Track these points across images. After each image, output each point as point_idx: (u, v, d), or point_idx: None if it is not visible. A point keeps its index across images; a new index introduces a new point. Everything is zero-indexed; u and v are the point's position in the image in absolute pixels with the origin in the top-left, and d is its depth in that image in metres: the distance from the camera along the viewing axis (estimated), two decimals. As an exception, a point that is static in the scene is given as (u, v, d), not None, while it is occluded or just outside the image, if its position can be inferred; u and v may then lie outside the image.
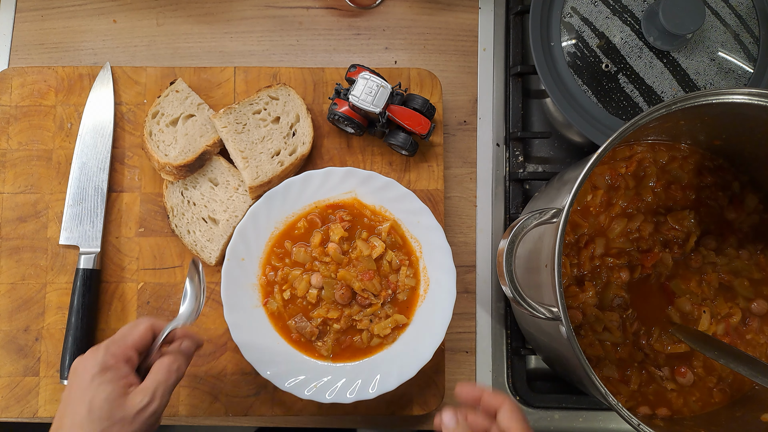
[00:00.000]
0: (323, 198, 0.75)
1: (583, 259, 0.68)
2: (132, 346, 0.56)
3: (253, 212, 0.73)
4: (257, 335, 0.72)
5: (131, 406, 0.52)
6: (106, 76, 0.80)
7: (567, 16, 0.75)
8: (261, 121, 0.75)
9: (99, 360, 0.54)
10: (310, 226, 0.75)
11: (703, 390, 0.66)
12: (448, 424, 0.53)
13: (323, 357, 0.73)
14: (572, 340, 0.52)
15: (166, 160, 0.74)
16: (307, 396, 0.70)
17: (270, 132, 0.75)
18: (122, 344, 0.56)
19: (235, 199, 0.76)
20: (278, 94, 0.76)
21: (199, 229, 0.76)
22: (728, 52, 0.73)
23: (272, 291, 0.74)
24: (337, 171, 0.74)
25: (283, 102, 0.76)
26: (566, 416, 0.77)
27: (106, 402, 0.52)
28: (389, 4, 0.86)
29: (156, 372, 0.55)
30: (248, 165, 0.73)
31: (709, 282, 0.68)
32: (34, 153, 0.79)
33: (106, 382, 0.53)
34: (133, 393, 0.53)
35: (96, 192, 0.77)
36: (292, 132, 0.76)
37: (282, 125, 0.76)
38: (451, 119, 0.83)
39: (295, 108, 0.76)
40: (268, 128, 0.75)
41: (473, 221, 0.81)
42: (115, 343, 0.56)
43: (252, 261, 0.74)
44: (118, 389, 0.52)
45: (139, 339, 0.57)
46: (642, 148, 0.70)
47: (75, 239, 0.76)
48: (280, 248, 0.75)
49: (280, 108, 0.76)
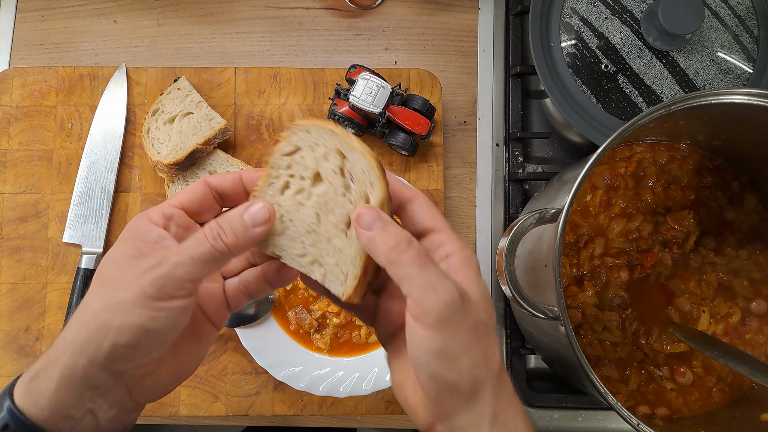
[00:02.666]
0: None
1: (583, 259, 0.68)
2: (176, 203, 0.42)
3: None
4: (257, 324, 0.73)
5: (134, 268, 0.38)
6: (121, 77, 0.80)
7: (566, 17, 0.75)
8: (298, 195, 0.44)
9: (132, 220, 0.42)
10: None
11: (703, 389, 0.67)
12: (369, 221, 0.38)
13: (320, 350, 0.74)
14: (572, 339, 0.52)
15: (158, 158, 0.74)
16: (301, 387, 0.70)
17: (321, 201, 0.43)
18: (166, 202, 0.43)
19: None
20: (296, 143, 0.43)
21: None
22: (728, 52, 0.73)
23: None
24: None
25: (309, 148, 0.43)
26: (566, 416, 0.77)
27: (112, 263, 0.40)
28: (389, 5, 0.86)
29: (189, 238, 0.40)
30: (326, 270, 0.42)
31: (708, 282, 0.69)
32: (35, 153, 0.79)
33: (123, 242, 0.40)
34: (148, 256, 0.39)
35: (102, 192, 0.77)
36: (348, 179, 0.42)
37: (330, 180, 0.42)
38: (450, 119, 0.83)
39: (329, 144, 0.42)
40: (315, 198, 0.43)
41: (473, 221, 0.81)
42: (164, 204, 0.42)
43: None
44: (131, 249, 0.39)
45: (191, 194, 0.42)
46: (641, 149, 0.71)
47: (78, 238, 0.76)
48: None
49: (311, 159, 0.43)
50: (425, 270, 0.36)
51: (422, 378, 0.37)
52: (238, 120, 0.80)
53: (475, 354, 0.37)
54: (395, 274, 0.37)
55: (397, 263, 0.37)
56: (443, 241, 0.40)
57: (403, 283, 0.37)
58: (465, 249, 0.40)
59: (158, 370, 0.41)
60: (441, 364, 0.36)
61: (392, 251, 0.37)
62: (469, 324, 0.37)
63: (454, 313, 0.36)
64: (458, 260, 0.39)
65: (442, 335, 0.36)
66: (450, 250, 0.40)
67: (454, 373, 0.36)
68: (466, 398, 0.37)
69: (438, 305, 0.35)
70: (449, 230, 0.41)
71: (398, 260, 0.37)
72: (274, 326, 0.74)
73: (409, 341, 0.37)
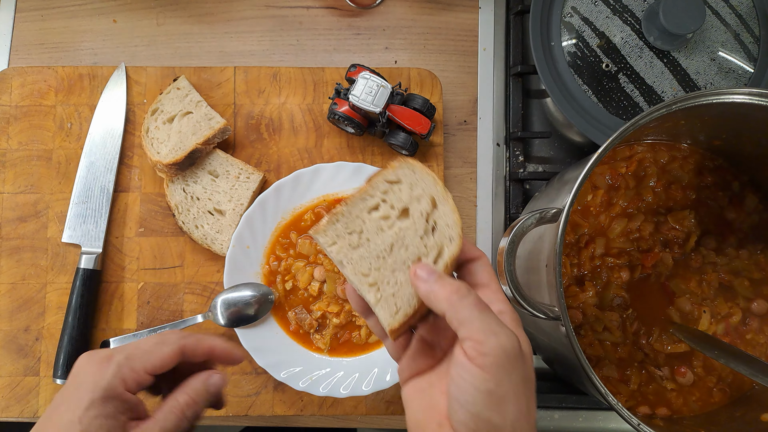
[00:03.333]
0: (332, 192, 0.76)
1: (584, 259, 0.68)
2: (150, 370, 0.46)
3: (261, 201, 0.74)
4: (256, 324, 0.73)
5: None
6: (121, 76, 0.80)
7: (567, 16, 0.75)
8: (382, 221, 0.46)
9: (105, 381, 0.44)
10: (316, 218, 0.75)
11: (703, 390, 0.66)
12: (425, 276, 0.41)
13: (320, 350, 0.74)
14: (572, 339, 0.52)
15: (158, 158, 0.74)
16: (302, 388, 0.70)
17: (400, 235, 0.46)
18: (140, 365, 0.45)
19: (238, 187, 0.76)
20: (399, 176, 0.47)
21: (207, 223, 0.76)
22: (728, 51, 0.73)
23: (274, 281, 0.74)
24: (348, 165, 0.75)
25: (408, 185, 0.47)
26: (566, 416, 0.77)
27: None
28: (389, 4, 0.86)
29: (166, 413, 0.45)
30: (381, 296, 0.44)
31: (709, 282, 0.68)
32: (34, 153, 0.79)
33: (103, 417, 0.43)
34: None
35: (102, 192, 0.77)
36: (431, 226, 0.46)
37: (414, 219, 0.46)
38: (451, 119, 0.83)
39: (427, 189, 0.46)
40: (395, 230, 0.46)
41: (473, 221, 0.81)
42: (131, 361, 0.45)
43: (257, 249, 0.74)
44: (115, 427, 0.43)
45: (161, 363, 0.46)
46: (642, 148, 0.70)
47: (77, 238, 0.76)
48: (285, 239, 0.75)
49: (407, 195, 0.47)
50: (486, 315, 0.39)
51: (462, 416, 0.39)
52: (238, 119, 0.80)
53: (520, 403, 0.38)
54: (455, 317, 0.39)
55: (459, 307, 0.39)
56: (496, 299, 0.44)
57: (462, 326, 0.39)
58: (515, 311, 0.44)
59: None
60: (489, 405, 0.38)
61: (453, 295, 0.39)
62: (521, 373, 0.39)
63: (510, 360, 0.38)
64: (510, 318, 0.43)
65: (495, 377, 0.38)
66: (502, 309, 0.43)
67: (500, 416, 0.38)
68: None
69: (497, 349, 0.38)
70: (502, 293, 0.45)
71: (460, 304, 0.39)
72: (274, 326, 0.74)
73: (459, 380, 0.39)
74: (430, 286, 0.41)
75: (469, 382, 0.38)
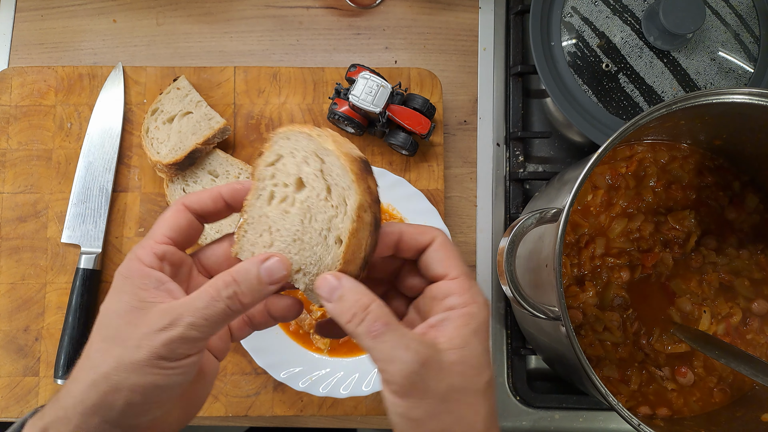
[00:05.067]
0: None
1: (584, 259, 0.67)
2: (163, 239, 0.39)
3: None
4: None
5: (144, 326, 0.36)
6: (118, 76, 0.80)
7: (567, 16, 0.75)
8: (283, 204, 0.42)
9: (123, 264, 0.39)
10: None
11: (704, 390, 0.66)
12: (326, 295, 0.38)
13: (320, 350, 0.73)
14: (572, 340, 0.52)
15: (157, 158, 0.74)
16: (302, 388, 0.70)
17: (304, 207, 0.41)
18: (152, 238, 0.39)
19: None
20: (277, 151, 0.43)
21: None
22: (728, 51, 0.73)
23: None
24: None
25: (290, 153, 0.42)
26: (567, 416, 0.77)
27: (116, 316, 0.37)
28: (389, 4, 0.86)
29: (199, 292, 0.37)
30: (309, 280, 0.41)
31: (709, 282, 0.68)
32: (34, 153, 0.79)
33: (121, 291, 0.38)
34: (156, 309, 0.37)
35: (101, 192, 0.77)
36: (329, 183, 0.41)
37: (312, 184, 0.41)
38: (451, 119, 0.83)
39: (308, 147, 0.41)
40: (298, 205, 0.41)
41: (473, 221, 0.81)
42: (147, 238, 0.40)
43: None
44: (134, 300, 0.37)
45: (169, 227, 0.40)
46: (642, 148, 0.70)
47: (77, 238, 0.76)
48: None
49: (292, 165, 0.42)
50: (380, 342, 0.36)
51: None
52: (238, 119, 0.80)
53: (442, 421, 0.36)
54: (360, 343, 0.37)
55: (356, 337, 0.37)
56: (452, 291, 0.39)
57: (368, 352, 0.37)
58: (473, 304, 0.38)
59: (168, 417, 0.41)
60: (409, 427, 0.37)
61: (349, 325, 0.37)
62: (434, 391, 0.36)
63: (415, 383, 0.36)
64: (457, 316, 0.38)
65: (405, 402, 0.36)
66: (455, 303, 0.38)
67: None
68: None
69: (395, 376, 0.36)
70: (464, 278, 0.39)
71: (356, 333, 0.37)
72: (274, 327, 0.74)
73: (384, 402, 0.38)
74: (332, 308, 0.37)
75: (387, 406, 0.37)
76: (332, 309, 0.38)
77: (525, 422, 0.77)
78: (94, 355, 0.38)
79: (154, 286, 0.38)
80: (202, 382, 0.43)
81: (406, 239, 0.41)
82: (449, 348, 0.37)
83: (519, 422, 0.76)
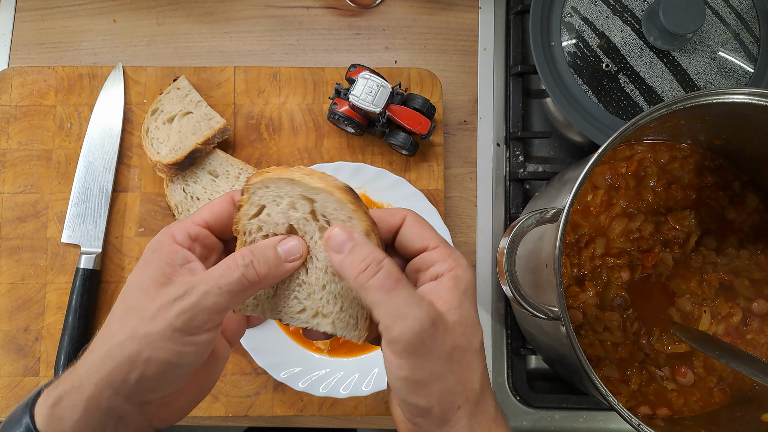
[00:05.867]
0: None
1: (584, 259, 0.67)
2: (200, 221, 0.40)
3: None
4: None
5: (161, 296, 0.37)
6: (118, 76, 0.80)
7: (567, 16, 0.75)
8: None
9: (155, 238, 0.40)
10: None
11: (704, 390, 0.66)
12: (339, 242, 0.37)
13: (320, 351, 0.73)
14: (572, 340, 0.52)
15: (157, 158, 0.74)
16: (302, 388, 0.70)
17: None
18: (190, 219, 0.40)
19: (238, 187, 0.76)
20: (258, 201, 0.43)
21: None
22: (729, 51, 0.73)
23: None
24: (348, 165, 0.75)
25: (274, 202, 0.43)
26: (567, 416, 0.77)
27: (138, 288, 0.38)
28: (389, 4, 0.86)
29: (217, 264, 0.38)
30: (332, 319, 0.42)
31: (709, 282, 0.68)
32: (34, 153, 0.79)
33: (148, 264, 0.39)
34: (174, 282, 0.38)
35: (101, 192, 0.77)
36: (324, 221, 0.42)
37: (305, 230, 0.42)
38: (451, 119, 0.83)
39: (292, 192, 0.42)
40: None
41: (473, 221, 0.81)
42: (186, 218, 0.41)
43: None
44: (157, 274, 0.38)
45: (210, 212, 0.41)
46: (642, 148, 0.70)
47: (77, 238, 0.76)
48: (285, 238, 0.75)
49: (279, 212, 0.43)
50: (393, 296, 0.35)
51: (396, 399, 0.38)
52: (238, 119, 0.80)
53: (446, 381, 0.36)
54: (365, 300, 0.36)
55: (366, 289, 0.36)
56: (435, 259, 0.39)
57: (373, 309, 0.36)
58: (458, 267, 0.39)
59: (179, 397, 0.41)
60: (411, 391, 0.36)
61: (360, 276, 0.36)
62: (440, 351, 0.36)
63: (423, 342, 0.35)
64: (447, 280, 0.38)
65: (410, 363, 0.35)
66: (441, 270, 0.39)
67: (424, 399, 0.36)
68: (438, 423, 0.37)
69: (405, 334, 0.35)
70: (443, 246, 0.40)
71: (366, 286, 0.36)
72: (274, 326, 0.74)
73: (385, 365, 0.37)
74: (342, 259, 0.37)
75: (389, 368, 0.36)
76: (342, 260, 0.37)
77: (525, 422, 0.77)
78: (112, 326, 0.38)
79: (180, 263, 0.38)
80: (214, 366, 0.43)
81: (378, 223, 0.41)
82: (447, 309, 0.37)
83: (519, 422, 0.77)
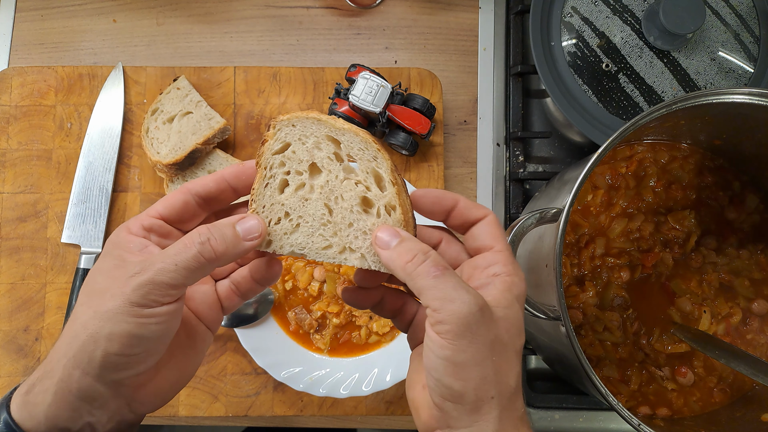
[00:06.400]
0: None
1: (584, 259, 0.67)
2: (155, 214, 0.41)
3: None
4: (256, 324, 0.73)
5: (119, 276, 0.38)
6: (118, 76, 0.80)
7: (567, 16, 0.75)
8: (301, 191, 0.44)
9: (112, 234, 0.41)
10: None
11: (704, 390, 0.66)
12: (387, 240, 0.39)
13: (320, 351, 0.73)
14: (573, 340, 0.52)
15: (157, 158, 0.74)
16: (301, 388, 0.70)
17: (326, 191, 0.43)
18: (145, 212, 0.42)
19: None
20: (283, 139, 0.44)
21: None
22: (729, 51, 0.73)
23: None
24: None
25: (299, 140, 0.44)
26: (567, 416, 0.77)
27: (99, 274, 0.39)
28: (389, 4, 0.86)
29: (175, 243, 0.39)
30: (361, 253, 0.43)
31: (709, 282, 0.68)
32: (34, 153, 0.79)
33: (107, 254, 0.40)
34: (132, 261, 0.39)
35: (101, 192, 0.77)
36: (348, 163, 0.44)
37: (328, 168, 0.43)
38: (451, 119, 0.83)
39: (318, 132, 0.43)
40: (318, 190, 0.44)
41: (473, 221, 0.81)
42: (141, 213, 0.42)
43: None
44: (117, 260, 0.39)
45: (164, 205, 0.41)
46: (642, 148, 0.70)
47: (77, 238, 0.76)
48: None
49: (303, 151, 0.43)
50: (442, 281, 0.37)
51: (431, 381, 0.38)
52: (238, 119, 0.80)
53: (485, 369, 0.37)
54: (414, 287, 0.38)
55: (414, 276, 0.37)
56: (497, 261, 0.41)
57: (421, 295, 0.37)
58: (515, 275, 0.41)
59: (156, 379, 0.41)
60: (449, 372, 0.37)
61: (408, 264, 0.38)
62: (484, 338, 0.37)
63: (470, 326, 0.36)
64: (501, 281, 0.40)
65: (454, 345, 0.36)
66: (499, 271, 0.40)
67: (460, 382, 0.37)
68: (469, 411, 0.37)
69: (453, 316, 0.36)
70: (507, 253, 0.41)
71: (415, 273, 0.37)
72: (273, 326, 0.74)
73: (425, 346, 0.38)
74: (390, 253, 0.39)
75: (430, 348, 0.37)
76: (390, 254, 0.39)
77: (525, 422, 0.77)
78: (77, 310, 0.39)
79: (138, 249, 0.40)
80: (192, 349, 0.43)
81: (461, 208, 0.43)
82: (496, 305, 0.38)
83: (519, 422, 0.76)
